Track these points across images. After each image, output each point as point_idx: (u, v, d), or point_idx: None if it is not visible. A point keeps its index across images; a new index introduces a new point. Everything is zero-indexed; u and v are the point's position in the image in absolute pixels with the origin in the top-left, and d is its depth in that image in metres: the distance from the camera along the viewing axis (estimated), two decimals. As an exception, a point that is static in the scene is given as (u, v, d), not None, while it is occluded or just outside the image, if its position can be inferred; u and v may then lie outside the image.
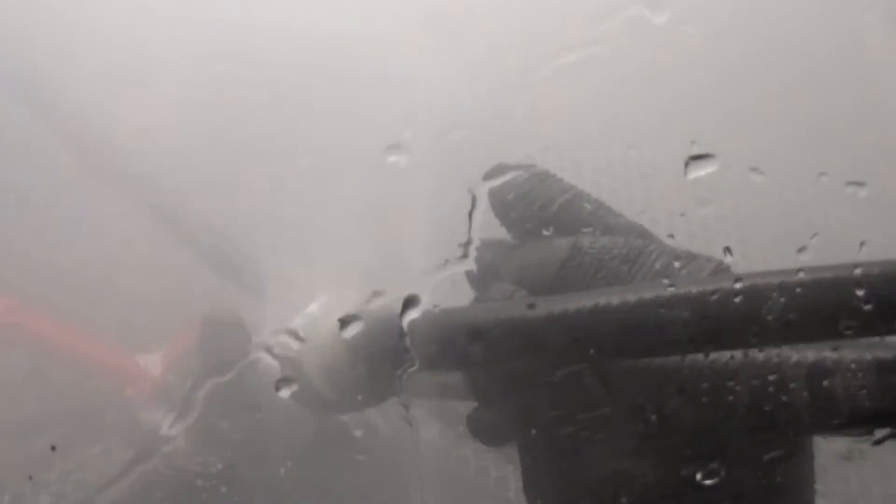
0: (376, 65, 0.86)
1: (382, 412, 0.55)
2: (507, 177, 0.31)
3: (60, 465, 0.64)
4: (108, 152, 0.68)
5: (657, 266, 0.27)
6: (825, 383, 0.23)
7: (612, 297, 0.25)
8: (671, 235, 0.30)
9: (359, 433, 0.57)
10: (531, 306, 0.26)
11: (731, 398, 0.24)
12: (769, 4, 0.91)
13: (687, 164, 0.28)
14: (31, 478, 0.62)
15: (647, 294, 0.24)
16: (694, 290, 0.24)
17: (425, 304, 0.34)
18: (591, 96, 0.88)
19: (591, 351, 0.25)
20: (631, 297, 0.24)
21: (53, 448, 0.62)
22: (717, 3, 0.92)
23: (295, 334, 0.39)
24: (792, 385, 0.23)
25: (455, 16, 0.91)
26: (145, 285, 0.69)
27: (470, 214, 0.30)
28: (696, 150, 0.28)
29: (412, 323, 0.31)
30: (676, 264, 0.27)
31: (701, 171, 0.28)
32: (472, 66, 0.88)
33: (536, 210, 0.30)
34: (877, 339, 0.23)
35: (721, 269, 0.27)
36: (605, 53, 0.91)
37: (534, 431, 0.27)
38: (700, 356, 0.24)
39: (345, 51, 0.87)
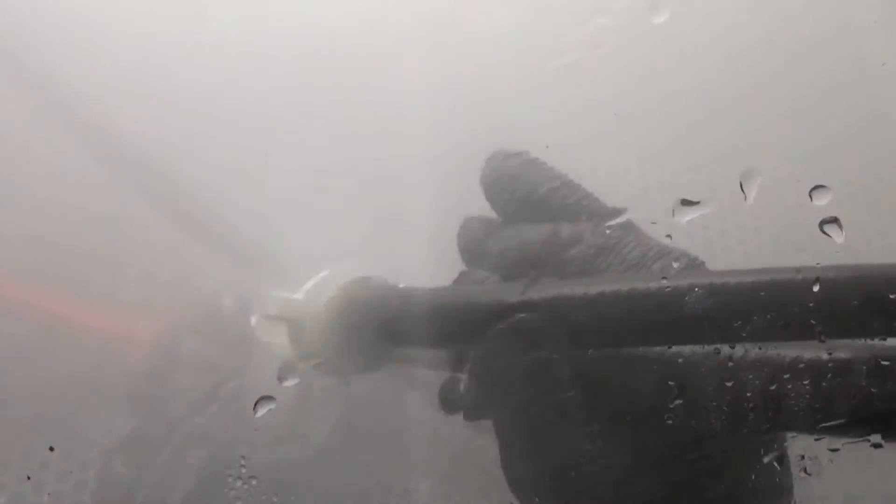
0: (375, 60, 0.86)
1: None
2: (500, 161, 0.31)
3: (59, 466, 0.64)
4: (112, 137, 0.69)
5: (630, 258, 0.27)
6: (823, 384, 0.22)
7: (594, 287, 0.25)
8: (668, 236, 0.30)
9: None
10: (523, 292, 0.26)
11: (712, 395, 0.24)
12: (768, 4, 0.91)
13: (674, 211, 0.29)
14: (29, 478, 0.62)
15: (619, 286, 0.25)
16: (654, 285, 0.24)
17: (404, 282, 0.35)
18: (591, 95, 0.88)
19: (559, 339, 0.26)
20: (610, 288, 0.25)
21: (52, 448, 0.62)
22: (716, 3, 0.92)
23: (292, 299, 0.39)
24: (782, 384, 0.23)
25: (455, 12, 0.91)
26: (140, 259, 0.69)
27: None
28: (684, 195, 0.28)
29: (401, 298, 0.32)
30: (651, 257, 0.27)
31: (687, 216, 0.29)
32: (471, 63, 0.88)
33: (523, 195, 0.30)
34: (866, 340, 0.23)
35: (695, 265, 0.27)
36: (605, 51, 0.91)
37: (507, 410, 0.27)
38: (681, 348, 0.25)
39: (345, 46, 0.87)
